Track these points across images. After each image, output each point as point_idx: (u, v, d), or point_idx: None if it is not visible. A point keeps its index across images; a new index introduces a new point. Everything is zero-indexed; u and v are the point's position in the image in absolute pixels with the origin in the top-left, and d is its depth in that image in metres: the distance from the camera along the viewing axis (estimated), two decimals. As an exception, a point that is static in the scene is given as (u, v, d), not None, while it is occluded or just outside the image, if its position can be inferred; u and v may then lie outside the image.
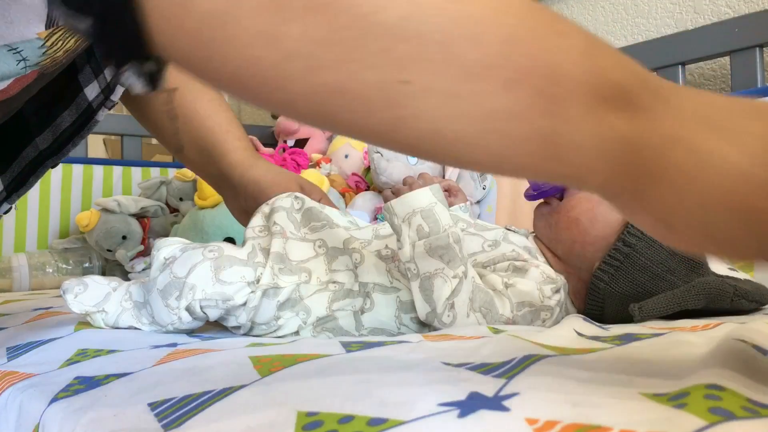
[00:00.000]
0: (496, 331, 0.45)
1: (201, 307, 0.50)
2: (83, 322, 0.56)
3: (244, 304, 0.50)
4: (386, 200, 0.51)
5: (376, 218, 1.10)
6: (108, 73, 0.63)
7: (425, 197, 0.49)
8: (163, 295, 0.50)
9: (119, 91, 0.65)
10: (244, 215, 0.72)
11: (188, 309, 0.50)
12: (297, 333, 0.53)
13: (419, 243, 0.48)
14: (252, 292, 0.50)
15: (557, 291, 0.53)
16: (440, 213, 0.49)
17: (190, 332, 0.53)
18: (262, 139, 1.45)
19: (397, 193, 0.50)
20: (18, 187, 0.64)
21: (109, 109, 0.65)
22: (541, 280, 0.52)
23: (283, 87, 0.24)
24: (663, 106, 0.24)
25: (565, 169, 0.25)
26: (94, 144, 2.16)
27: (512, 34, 0.24)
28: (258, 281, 0.51)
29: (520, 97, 0.23)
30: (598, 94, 0.24)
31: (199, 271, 0.50)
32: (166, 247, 0.53)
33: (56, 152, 0.65)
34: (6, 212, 0.66)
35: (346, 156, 1.33)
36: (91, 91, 0.64)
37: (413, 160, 1.06)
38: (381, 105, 0.24)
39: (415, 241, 0.48)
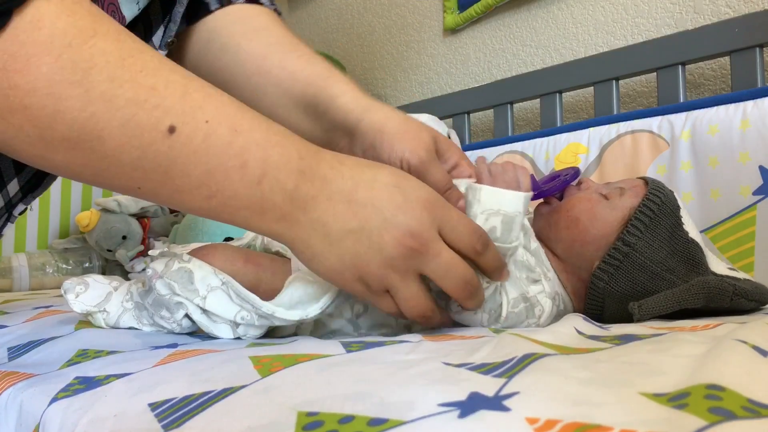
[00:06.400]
0: (497, 332, 0.45)
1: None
2: (83, 321, 0.56)
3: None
4: (479, 175, 0.49)
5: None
6: None
7: (516, 205, 0.47)
8: (155, 310, 0.51)
9: None
10: None
11: (186, 316, 0.50)
12: (295, 334, 0.53)
13: None
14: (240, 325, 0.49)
15: (536, 281, 0.52)
16: (517, 226, 0.48)
17: (191, 333, 0.53)
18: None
19: (488, 176, 0.48)
20: (33, 188, 0.63)
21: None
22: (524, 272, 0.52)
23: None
24: (302, 217, 0.41)
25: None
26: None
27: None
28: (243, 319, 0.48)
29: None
30: (263, 212, 0.41)
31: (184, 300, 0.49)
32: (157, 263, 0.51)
33: None
34: (21, 213, 0.65)
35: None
36: None
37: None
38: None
39: None
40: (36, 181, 0.62)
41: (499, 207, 0.47)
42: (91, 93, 0.35)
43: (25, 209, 0.65)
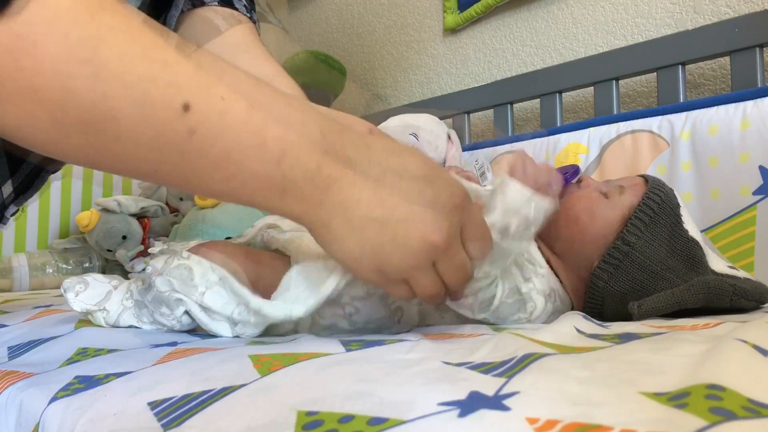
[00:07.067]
0: (497, 330, 0.45)
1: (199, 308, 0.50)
2: (83, 320, 0.56)
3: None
4: (513, 168, 0.47)
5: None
6: None
7: (537, 214, 0.47)
8: (155, 307, 0.50)
9: None
10: None
11: (186, 313, 0.50)
12: (296, 332, 0.53)
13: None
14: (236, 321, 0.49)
15: (527, 279, 0.52)
16: (530, 233, 0.48)
17: (191, 331, 0.53)
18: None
19: (522, 173, 0.47)
20: (25, 189, 0.62)
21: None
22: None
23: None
24: (324, 199, 0.39)
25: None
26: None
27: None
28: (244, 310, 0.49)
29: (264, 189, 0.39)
30: (284, 192, 0.39)
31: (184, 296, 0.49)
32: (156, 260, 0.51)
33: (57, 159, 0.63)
34: (13, 214, 0.65)
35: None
36: None
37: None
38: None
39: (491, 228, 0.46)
40: (27, 183, 0.62)
41: (520, 208, 0.46)
42: (102, 71, 0.33)
43: (17, 211, 0.64)
